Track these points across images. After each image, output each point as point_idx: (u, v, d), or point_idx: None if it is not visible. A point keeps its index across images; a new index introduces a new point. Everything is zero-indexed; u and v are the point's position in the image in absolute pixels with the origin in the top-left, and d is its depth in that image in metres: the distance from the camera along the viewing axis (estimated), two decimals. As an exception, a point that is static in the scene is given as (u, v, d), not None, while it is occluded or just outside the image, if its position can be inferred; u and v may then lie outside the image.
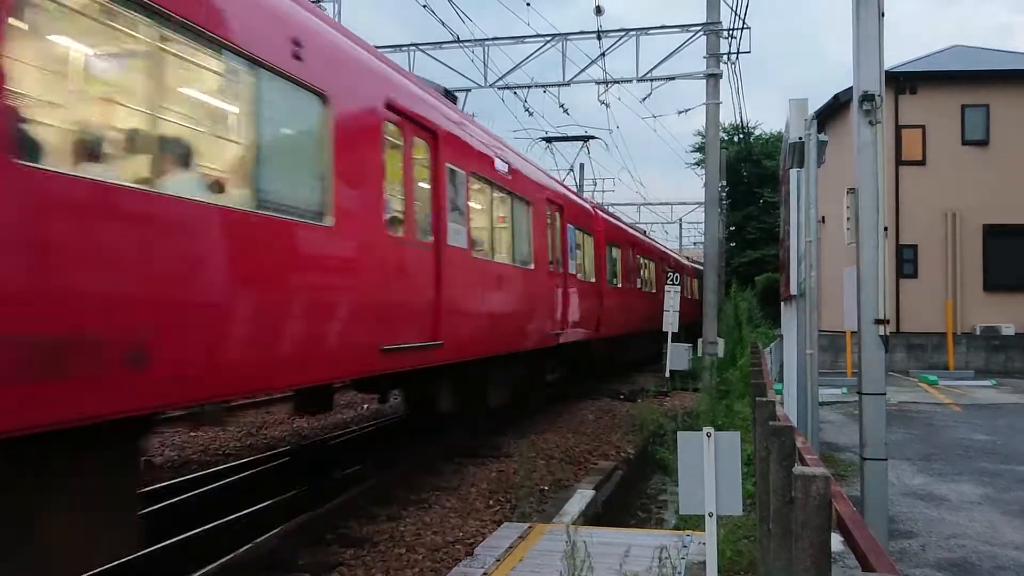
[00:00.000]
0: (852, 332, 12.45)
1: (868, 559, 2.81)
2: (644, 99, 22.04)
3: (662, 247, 32.69)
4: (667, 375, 20.14)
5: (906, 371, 22.42)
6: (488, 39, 20.46)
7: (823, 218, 9.26)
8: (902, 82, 23.72)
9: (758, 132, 50.83)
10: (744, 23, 19.07)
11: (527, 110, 22.26)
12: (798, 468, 3.67)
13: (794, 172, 8.90)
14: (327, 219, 6.42)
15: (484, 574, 6.09)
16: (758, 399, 6.68)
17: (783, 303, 12.90)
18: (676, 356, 20.24)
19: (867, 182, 6.42)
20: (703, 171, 23.03)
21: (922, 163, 24.08)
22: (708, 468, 5.08)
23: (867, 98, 6.31)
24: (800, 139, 8.20)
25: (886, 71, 6.62)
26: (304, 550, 6.89)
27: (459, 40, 20.07)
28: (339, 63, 6.85)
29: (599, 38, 19.91)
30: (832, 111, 24.45)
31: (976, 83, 24.19)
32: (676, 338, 20.41)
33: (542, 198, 13.27)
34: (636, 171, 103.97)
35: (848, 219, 6.53)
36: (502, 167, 11.29)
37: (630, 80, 20.41)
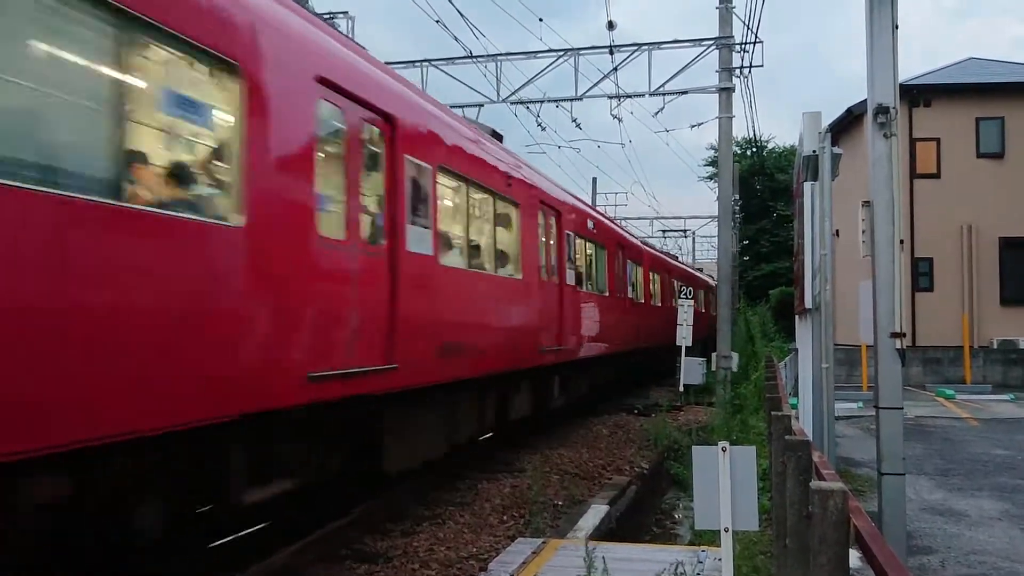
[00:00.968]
0: (868, 346, 12.36)
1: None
2: (657, 113, 22.18)
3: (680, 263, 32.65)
4: (681, 389, 20.05)
5: (922, 385, 22.24)
6: (501, 54, 20.55)
7: (837, 231, 9.22)
8: (916, 95, 23.65)
9: (771, 145, 50.80)
10: (756, 37, 19.07)
11: (540, 125, 22.30)
12: (815, 483, 3.64)
13: (808, 185, 8.88)
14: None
15: (498, 590, 6.05)
16: (774, 413, 6.64)
17: (797, 317, 12.83)
18: (690, 370, 20.15)
19: (882, 194, 6.39)
20: (716, 185, 22.99)
21: (937, 176, 23.97)
22: (724, 483, 5.04)
23: (882, 110, 6.29)
24: (814, 152, 8.18)
25: (900, 84, 6.60)
26: (318, 565, 6.87)
27: (472, 55, 20.16)
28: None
29: (611, 53, 19.96)
30: (845, 125, 24.39)
31: (991, 95, 24.10)
32: (690, 352, 20.35)
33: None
34: (649, 185, 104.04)
35: (864, 232, 6.50)
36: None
37: (643, 94, 20.42)
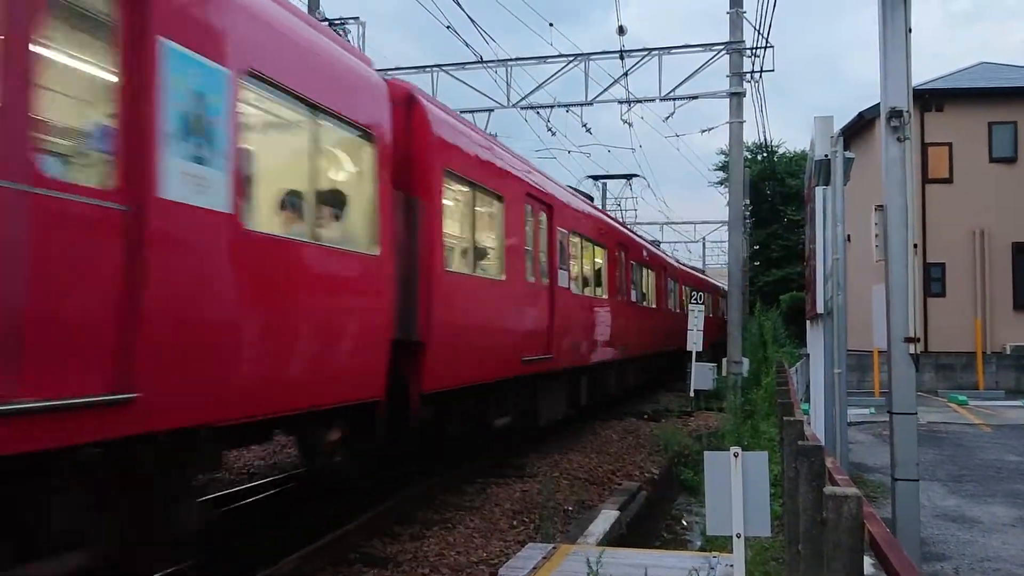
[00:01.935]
0: (880, 351, 12.25)
1: (903, 582, 2.75)
2: (667, 118, 22.07)
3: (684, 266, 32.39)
4: (691, 395, 20.00)
5: (935, 391, 22.11)
6: (511, 60, 20.59)
7: (848, 237, 9.17)
8: (928, 100, 23.56)
9: (782, 150, 50.67)
10: (767, 42, 18.99)
11: (550, 129, 22.29)
12: (829, 488, 3.61)
13: (820, 190, 8.84)
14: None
15: (508, 595, 6.03)
16: (786, 418, 6.61)
17: (809, 322, 12.78)
18: (700, 376, 20.10)
19: (895, 198, 6.36)
20: (726, 190, 22.95)
21: (949, 181, 23.87)
22: (736, 488, 5.01)
23: (895, 114, 6.26)
24: (826, 156, 8.15)
25: (912, 88, 6.57)
26: (328, 569, 6.86)
27: (483, 61, 20.20)
28: None
29: (622, 58, 19.97)
30: (856, 129, 24.31)
31: (1003, 100, 24.00)
32: (700, 357, 20.30)
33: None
34: (659, 190, 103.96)
35: (877, 236, 6.47)
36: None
37: (653, 99, 20.46)
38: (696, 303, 20.69)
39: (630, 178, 27.58)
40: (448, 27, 17.73)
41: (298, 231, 6.07)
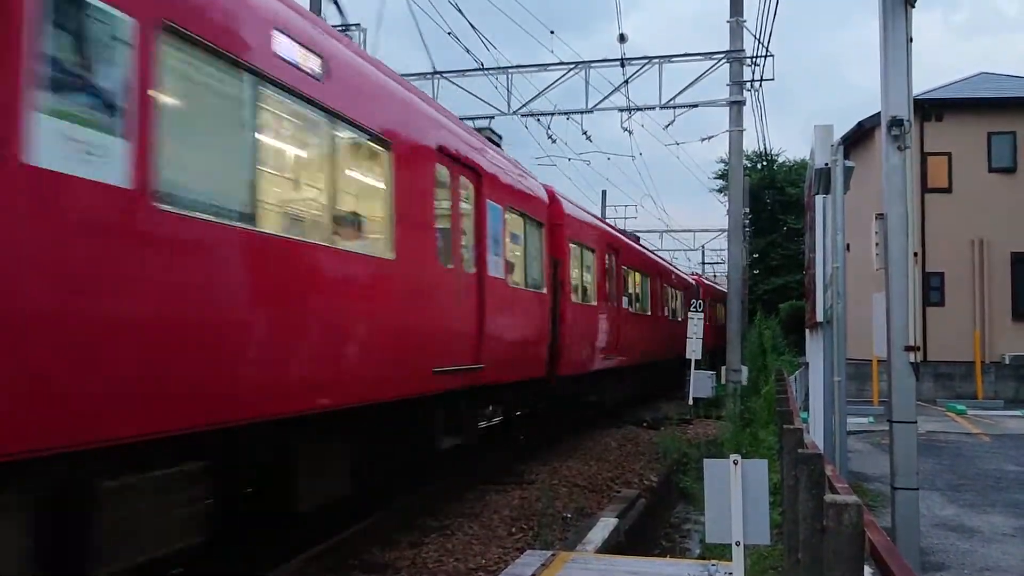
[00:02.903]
0: (879, 360, 12.22)
1: (904, 590, 2.75)
2: (667, 126, 22.07)
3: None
4: (690, 403, 19.98)
5: (933, 400, 22.09)
6: (512, 67, 20.63)
7: (848, 245, 9.18)
8: (927, 109, 23.59)
9: (781, 159, 50.69)
10: (767, 51, 19.05)
11: (550, 137, 22.32)
12: (830, 496, 3.60)
13: (820, 198, 8.84)
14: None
15: (507, 602, 6.02)
16: (786, 426, 6.60)
17: (808, 330, 12.77)
18: (699, 383, 20.09)
19: (896, 207, 6.37)
20: (726, 198, 22.97)
21: (948, 191, 23.89)
22: (735, 496, 5.00)
23: (896, 123, 6.28)
24: (826, 165, 8.15)
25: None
26: (327, 575, 6.85)
27: (483, 68, 20.24)
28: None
29: (622, 65, 20.01)
30: (856, 138, 24.34)
31: (1002, 110, 24.03)
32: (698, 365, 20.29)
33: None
34: (659, 198, 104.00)
35: (877, 244, 6.48)
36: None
37: (653, 107, 20.47)
38: (695, 311, 20.67)
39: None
40: (449, 33, 17.78)
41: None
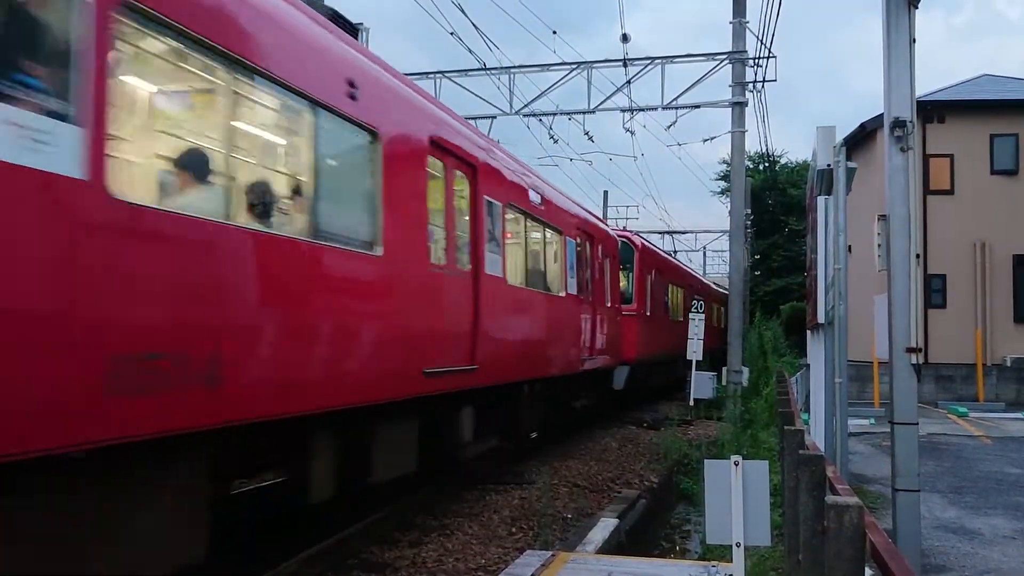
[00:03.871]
0: (881, 362, 12.24)
1: (905, 591, 2.74)
2: (669, 127, 22.18)
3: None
4: (691, 403, 19.97)
5: (934, 403, 22.07)
6: (514, 67, 20.62)
7: (849, 247, 9.17)
8: (930, 111, 23.56)
9: (783, 160, 50.69)
10: (770, 52, 19.02)
11: (552, 137, 22.31)
12: (831, 497, 3.60)
13: (822, 200, 8.84)
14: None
15: (507, 602, 6.01)
16: (787, 427, 6.59)
17: (809, 332, 12.76)
18: (700, 384, 20.07)
19: (898, 208, 6.36)
20: (728, 199, 22.97)
21: (950, 193, 23.88)
22: (736, 497, 5.00)
23: (899, 124, 6.26)
24: (828, 166, 8.14)
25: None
26: (327, 575, 6.84)
27: (486, 68, 20.24)
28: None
29: (625, 66, 20.00)
30: (858, 140, 24.32)
31: (1005, 112, 24.02)
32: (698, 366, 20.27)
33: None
34: (661, 199, 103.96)
35: (879, 246, 6.46)
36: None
37: (655, 108, 20.46)
38: (696, 311, 20.67)
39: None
40: (452, 33, 17.81)
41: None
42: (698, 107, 20.44)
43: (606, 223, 19.59)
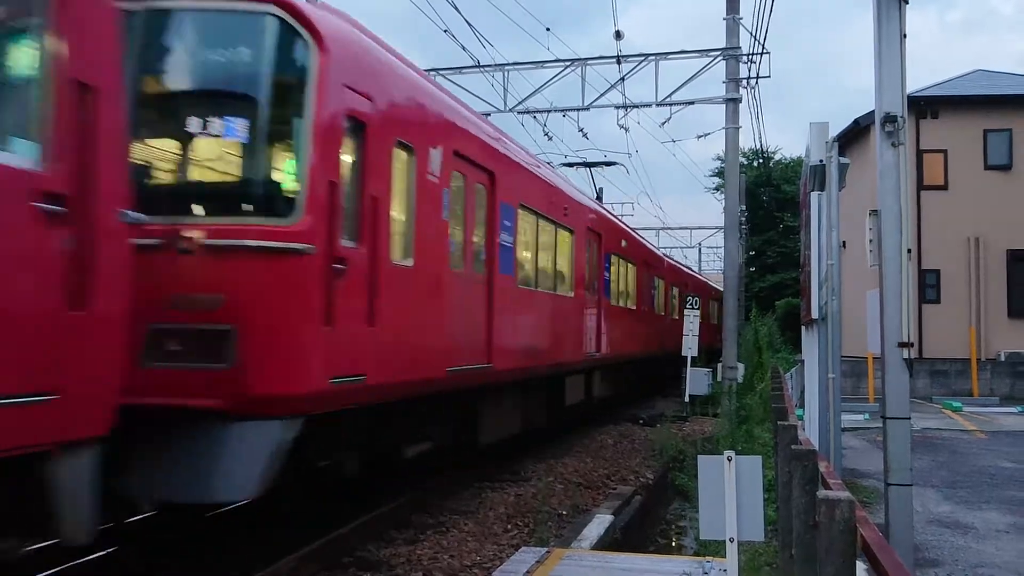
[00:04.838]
0: (875, 357, 12.27)
1: (895, 585, 2.75)
2: (663, 123, 22.12)
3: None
4: (686, 400, 20.00)
5: (929, 397, 22.14)
6: (508, 64, 20.59)
7: (844, 243, 9.20)
8: (923, 106, 23.62)
9: (777, 157, 50.72)
10: (763, 48, 19.02)
11: (546, 134, 22.28)
12: (822, 492, 3.61)
13: (815, 195, 8.86)
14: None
15: (502, 599, 6.02)
16: (780, 423, 6.61)
17: (804, 328, 12.79)
18: (695, 381, 20.10)
19: (890, 204, 6.38)
20: (722, 196, 23.00)
21: (944, 188, 23.94)
22: (729, 492, 5.01)
23: (890, 119, 6.28)
24: (821, 162, 8.16)
25: (907, 96, 6.59)
26: (322, 573, 6.85)
27: (480, 65, 20.20)
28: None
29: (619, 63, 19.99)
30: (852, 136, 24.38)
31: (999, 107, 24.08)
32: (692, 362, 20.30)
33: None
34: (655, 195, 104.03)
35: (871, 241, 6.48)
36: None
37: (649, 104, 20.45)
38: (691, 308, 20.69)
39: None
40: (445, 31, 17.69)
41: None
42: (692, 103, 20.46)
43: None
